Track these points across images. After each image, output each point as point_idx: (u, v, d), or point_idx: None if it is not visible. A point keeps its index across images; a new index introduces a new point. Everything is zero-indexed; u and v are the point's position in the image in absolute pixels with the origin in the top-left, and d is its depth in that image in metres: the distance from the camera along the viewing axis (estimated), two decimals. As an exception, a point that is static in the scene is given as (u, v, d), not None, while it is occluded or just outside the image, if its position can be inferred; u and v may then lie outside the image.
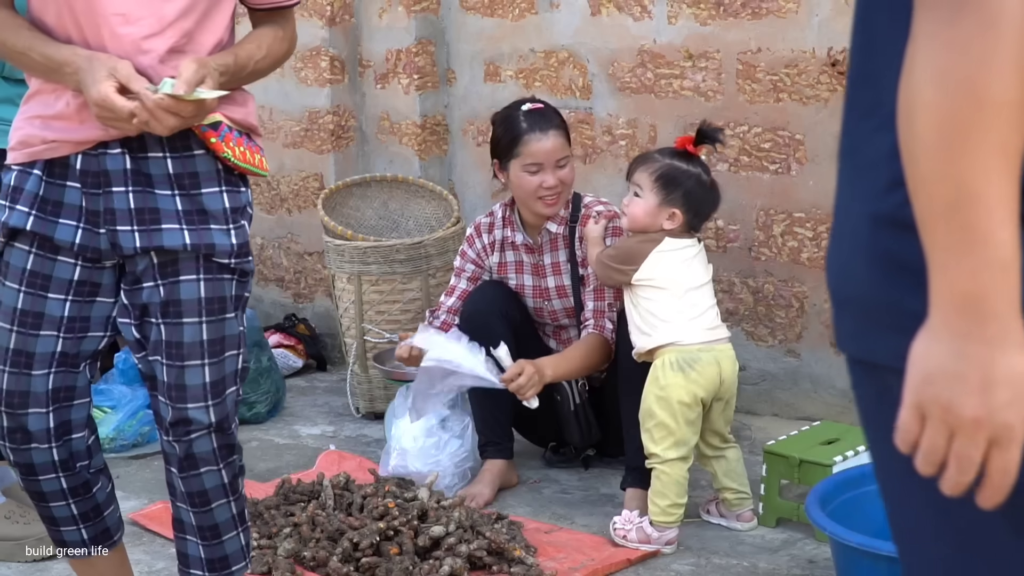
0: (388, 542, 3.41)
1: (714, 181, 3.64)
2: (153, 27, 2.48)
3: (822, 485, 3.25)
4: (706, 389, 3.50)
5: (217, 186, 2.56)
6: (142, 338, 2.58)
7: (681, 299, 3.51)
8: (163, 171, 2.52)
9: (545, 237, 3.94)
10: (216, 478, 2.65)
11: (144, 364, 2.61)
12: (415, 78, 5.05)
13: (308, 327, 5.29)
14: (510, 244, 4.01)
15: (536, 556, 3.43)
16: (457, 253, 4.15)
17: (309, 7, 5.14)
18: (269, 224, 5.50)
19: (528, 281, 4.00)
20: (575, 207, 3.93)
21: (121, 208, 2.51)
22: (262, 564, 3.41)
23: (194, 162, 2.54)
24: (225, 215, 2.56)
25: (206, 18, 2.57)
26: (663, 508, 3.49)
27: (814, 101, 4.17)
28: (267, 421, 4.68)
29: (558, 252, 3.95)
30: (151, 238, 2.52)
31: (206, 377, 2.60)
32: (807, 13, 4.14)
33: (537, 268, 3.98)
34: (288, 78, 5.26)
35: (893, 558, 2.90)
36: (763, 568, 3.43)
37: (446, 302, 4.05)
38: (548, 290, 3.97)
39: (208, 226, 2.54)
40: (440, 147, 5.16)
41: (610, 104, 4.65)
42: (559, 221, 3.92)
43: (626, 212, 3.60)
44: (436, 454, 3.93)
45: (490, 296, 3.96)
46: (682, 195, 3.54)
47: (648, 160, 3.60)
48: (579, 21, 4.68)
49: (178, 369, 2.57)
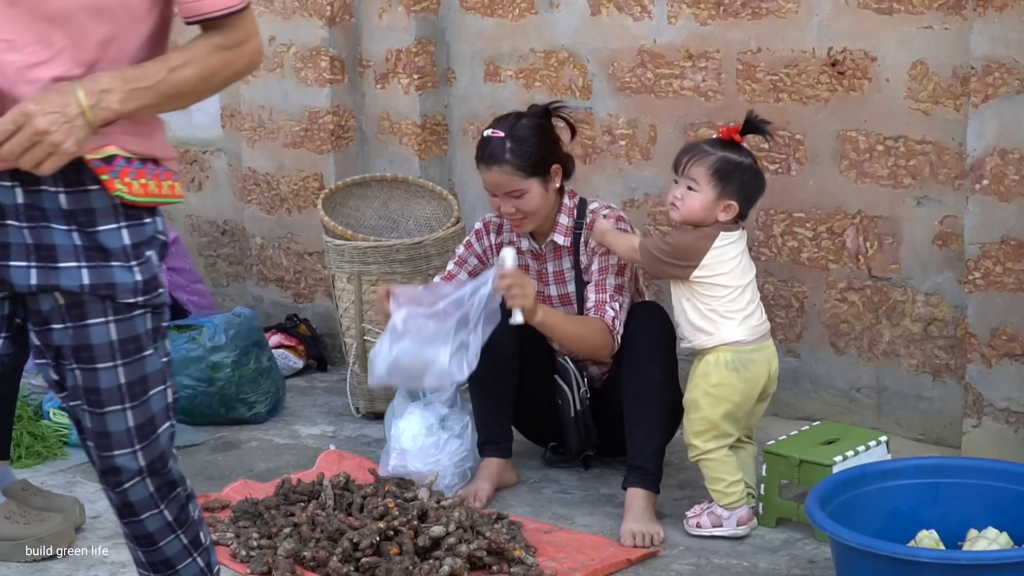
0: (388, 542, 3.41)
1: (760, 169, 3.63)
2: (40, 55, 2.28)
3: (822, 485, 3.25)
4: (756, 388, 3.56)
5: (115, 222, 2.39)
6: (60, 380, 2.47)
7: (741, 295, 3.53)
8: (57, 206, 2.36)
9: (550, 246, 3.92)
10: (159, 520, 2.52)
11: (67, 407, 2.51)
12: (415, 78, 5.05)
13: (309, 328, 5.29)
14: (517, 248, 3.94)
15: (536, 556, 3.43)
16: (462, 243, 4.09)
17: (309, 7, 5.14)
18: (269, 224, 5.50)
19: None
20: (580, 214, 3.88)
21: (16, 243, 2.36)
22: (262, 564, 3.41)
23: (89, 198, 2.37)
24: (125, 252, 2.39)
25: (111, 45, 2.33)
26: (723, 491, 3.56)
27: (814, 101, 4.17)
28: (267, 421, 4.67)
29: (562, 260, 3.91)
30: (48, 276, 2.38)
31: (129, 422, 2.44)
32: (807, 13, 4.14)
33: (541, 275, 3.95)
34: (288, 78, 5.26)
35: (893, 558, 2.91)
36: (763, 568, 3.43)
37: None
38: (551, 298, 3.93)
39: (108, 263, 2.38)
40: (440, 147, 5.16)
41: (610, 104, 4.65)
42: (564, 232, 3.87)
43: (678, 206, 3.53)
44: (436, 454, 3.93)
45: None
46: (737, 187, 3.51)
47: (700, 153, 3.54)
48: (579, 21, 4.68)
49: (99, 416, 2.44)
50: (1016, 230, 3.76)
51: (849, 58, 4.08)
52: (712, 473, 3.57)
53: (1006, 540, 3.20)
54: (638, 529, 3.57)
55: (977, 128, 3.77)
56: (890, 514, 3.30)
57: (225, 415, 4.61)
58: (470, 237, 4.05)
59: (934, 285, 4.04)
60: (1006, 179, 3.74)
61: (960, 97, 3.87)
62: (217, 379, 4.57)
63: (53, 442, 4.35)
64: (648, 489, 3.69)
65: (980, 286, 3.83)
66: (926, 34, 3.92)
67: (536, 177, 3.77)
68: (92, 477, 4.14)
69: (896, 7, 3.96)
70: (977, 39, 3.74)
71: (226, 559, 3.51)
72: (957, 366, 4.01)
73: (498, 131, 3.79)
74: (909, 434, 4.09)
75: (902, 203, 4.05)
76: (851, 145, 4.11)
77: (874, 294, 4.16)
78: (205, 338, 4.59)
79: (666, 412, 3.76)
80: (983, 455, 3.77)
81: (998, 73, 3.70)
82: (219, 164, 5.74)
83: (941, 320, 4.04)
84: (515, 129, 3.78)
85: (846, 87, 4.10)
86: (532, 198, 3.78)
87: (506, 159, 3.75)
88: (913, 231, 4.05)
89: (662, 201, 4.56)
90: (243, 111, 5.47)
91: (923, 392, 4.11)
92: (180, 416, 4.59)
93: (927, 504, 3.33)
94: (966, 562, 2.96)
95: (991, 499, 3.29)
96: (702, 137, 3.73)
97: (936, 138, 3.96)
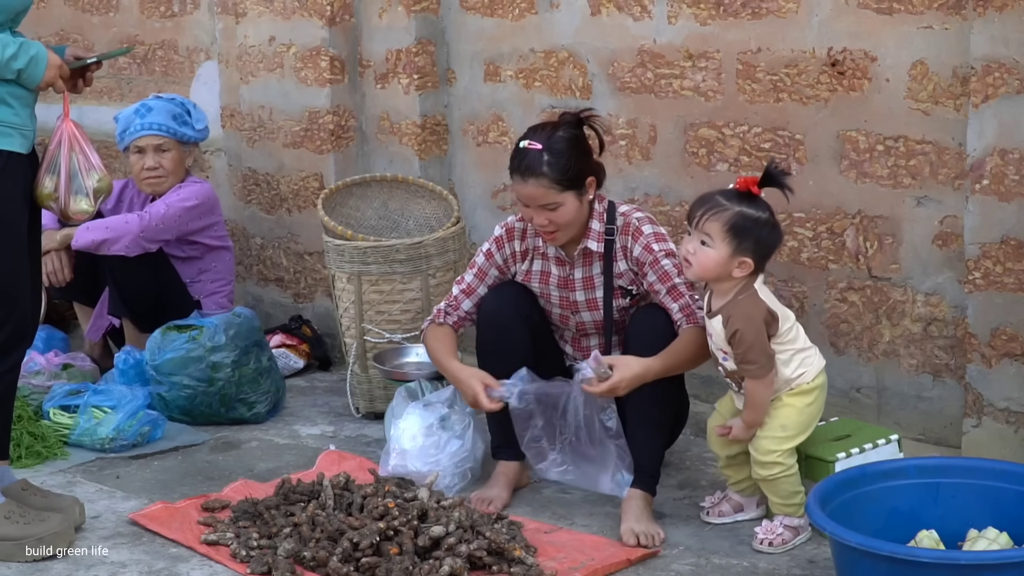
0: (388, 542, 3.41)
1: (778, 222, 3.54)
2: None
3: (822, 485, 3.25)
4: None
5: None
6: None
7: (795, 323, 3.54)
8: None
9: (581, 252, 3.84)
10: None
11: None
12: (415, 78, 5.05)
13: (312, 329, 5.29)
14: (540, 254, 3.91)
15: (536, 556, 3.43)
16: (482, 252, 3.97)
17: (309, 7, 5.14)
18: (269, 224, 5.50)
19: (555, 292, 3.91)
20: (610, 218, 3.82)
21: None
22: (262, 564, 3.41)
23: None
24: None
25: None
26: (799, 503, 3.51)
27: (814, 101, 4.17)
28: (267, 421, 4.67)
29: (591, 266, 3.85)
30: None
31: None
32: (807, 13, 4.14)
33: (566, 281, 3.89)
34: (288, 78, 5.26)
35: (893, 558, 2.91)
36: (763, 568, 3.43)
37: (462, 303, 3.95)
38: (577, 303, 3.89)
39: None
40: (440, 147, 5.16)
41: (610, 104, 4.65)
42: (597, 238, 3.81)
43: (692, 262, 3.45)
44: (436, 454, 3.93)
45: (509, 296, 3.91)
46: (753, 243, 3.41)
47: (715, 206, 3.42)
48: (579, 21, 4.68)
49: None
50: (1016, 230, 3.75)
51: (849, 58, 4.08)
52: (791, 488, 3.52)
53: (1006, 540, 3.20)
54: (639, 529, 3.57)
55: (977, 128, 3.77)
56: (890, 514, 3.30)
57: (225, 415, 4.61)
58: (490, 246, 3.95)
59: (934, 285, 4.04)
60: (1006, 179, 3.74)
61: (960, 97, 3.87)
62: (217, 379, 4.57)
63: (53, 442, 4.35)
64: (645, 490, 3.69)
65: (980, 286, 3.83)
66: (926, 34, 3.91)
67: (572, 190, 3.71)
68: (92, 477, 4.16)
69: (896, 7, 3.96)
70: (977, 39, 3.73)
71: (226, 559, 3.51)
72: (957, 366, 4.01)
73: (535, 143, 3.70)
74: (909, 434, 4.09)
75: (902, 203, 4.05)
76: (851, 145, 4.11)
77: (874, 294, 4.16)
78: (205, 338, 4.59)
79: (667, 415, 3.76)
80: (983, 455, 3.77)
81: (998, 73, 3.70)
82: (219, 164, 5.74)
83: (941, 320, 4.04)
84: (552, 141, 3.70)
85: (846, 87, 4.10)
86: (567, 211, 3.72)
87: (543, 172, 3.67)
88: (913, 231, 4.05)
89: (662, 201, 4.56)
90: (243, 111, 5.48)
91: (923, 392, 4.11)
92: (180, 416, 4.61)
93: (927, 504, 3.33)
94: (966, 562, 2.96)
95: (991, 499, 3.30)
96: (717, 188, 3.62)
97: (936, 138, 3.96)
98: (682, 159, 4.50)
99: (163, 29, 5.92)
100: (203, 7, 5.73)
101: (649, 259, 3.76)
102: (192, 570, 3.51)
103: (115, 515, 3.86)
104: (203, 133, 5.10)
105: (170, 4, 5.87)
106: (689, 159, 4.48)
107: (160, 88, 5.84)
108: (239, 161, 5.57)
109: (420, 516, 3.49)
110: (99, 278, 4.97)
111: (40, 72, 3.47)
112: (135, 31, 6.04)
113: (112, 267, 4.86)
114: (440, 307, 3.98)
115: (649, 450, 3.72)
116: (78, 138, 3.60)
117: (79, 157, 3.59)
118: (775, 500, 3.53)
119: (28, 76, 3.46)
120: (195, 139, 5.08)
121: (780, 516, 3.53)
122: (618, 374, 3.58)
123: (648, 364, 3.61)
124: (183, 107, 5.08)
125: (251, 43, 5.37)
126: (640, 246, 3.78)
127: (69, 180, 3.58)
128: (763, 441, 3.49)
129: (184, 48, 5.84)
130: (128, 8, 6.06)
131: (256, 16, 5.34)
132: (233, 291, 5.25)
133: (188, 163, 5.10)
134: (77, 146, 3.59)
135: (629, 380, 3.58)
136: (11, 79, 3.44)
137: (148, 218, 4.88)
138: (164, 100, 5.08)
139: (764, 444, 3.49)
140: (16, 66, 3.42)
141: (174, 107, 5.05)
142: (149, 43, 5.98)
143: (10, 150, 3.46)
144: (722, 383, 3.67)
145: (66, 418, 4.44)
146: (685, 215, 3.60)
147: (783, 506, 3.52)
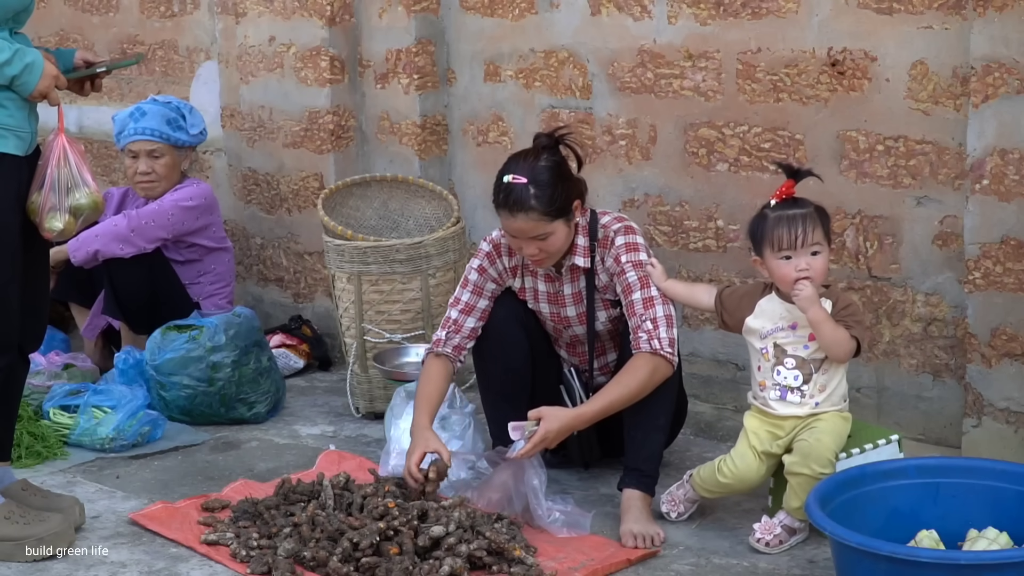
0: (388, 542, 3.41)
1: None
2: None
3: (822, 485, 3.25)
4: None
5: None
6: None
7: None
8: None
9: (568, 269, 3.83)
10: None
11: None
12: (415, 78, 5.05)
13: (311, 328, 5.29)
14: (530, 272, 3.89)
15: (536, 556, 3.43)
16: (473, 269, 3.91)
17: (309, 7, 5.14)
18: (269, 224, 5.50)
19: (546, 309, 3.91)
20: (592, 231, 3.80)
21: None
22: (262, 564, 3.41)
23: None
24: None
25: None
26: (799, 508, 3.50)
27: (814, 101, 4.17)
28: (267, 421, 4.67)
29: (579, 280, 3.85)
30: None
31: None
32: (807, 13, 4.14)
33: (556, 297, 3.88)
34: (288, 78, 5.26)
35: (893, 558, 2.91)
36: (763, 568, 3.43)
37: (464, 323, 3.89)
38: (568, 318, 3.89)
39: None
40: (440, 147, 5.16)
41: (610, 104, 4.65)
42: (584, 253, 3.80)
43: (812, 276, 3.46)
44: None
45: (507, 303, 3.91)
46: (829, 228, 3.60)
47: (803, 219, 3.48)
48: (579, 21, 4.68)
49: None
50: (1016, 230, 3.76)
51: (849, 58, 4.08)
52: (799, 490, 3.49)
53: (1006, 540, 3.20)
54: (638, 530, 3.57)
55: (977, 128, 3.77)
56: (890, 514, 3.30)
57: (225, 415, 4.61)
58: (481, 262, 3.91)
59: (934, 285, 4.04)
60: (1006, 179, 3.74)
61: (960, 97, 3.87)
62: (217, 379, 4.57)
63: (53, 442, 4.35)
64: (644, 491, 3.69)
65: (980, 286, 3.83)
66: (926, 34, 3.91)
67: (561, 218, 3.69)
68: (92, 477, 4.16)
69: (896, 7, 3.96)
70: (977, 39, 3.74)
71: (226, 559, 3.51)
72: (957, 366, 4.01)
73: (519, 177, 3.66)
74: (909, 434, 4.09)
75: (902, 203, 4.05)
76: (851, 145, 4.11)
77: (874, 294, 4.16)
78: (205, 338, 4.59)
79: (666, 416, 3.75)
80: (983, 455, 3.77)
81: (998, 73, 3.70)
82: (219, 164, 5.74)
83: (941, 320, 4.04)
84: (536, 173, 3.66)
85: (846, 87, 4.10)
86: (557, 239, 3.70)
87: (532, 205, 3.64)
88: (913, 231, 4.05)
89: (662, 201, 4.56)
90: (243, 111, 5.47)
91: (923, 392, 4.11)
92: (180, 416, 4.61)
93: (927, 504, 3.33)
94: (966, 562, 2.96)
95: (991, 499, 3.30)
96: (765, 205, 3.60)
97: (936, 138, 3.96)
98: (682, 159, 4.50)
99: (163, 29, 5.92)
100: (203, 7, 5.73)
101: (616, 270, 3.77)
102: (192, 570, 3.51)
103: (115, 515, 3.86)
104: (198, 137, 5.08)
105: (170, 4, 5.87)
106: (689, 159, 4.48)
107: (160, 88, 5.84)
108: (239, 161, 5.57)
109: (420, 516, 3.49)
110: (95, 277, 4.96)
111: (34, 81, 3.41)
112: (135, 31, 6.03)
113: (108, 267, 4.86)
114: (439, 335, 3.90)
115: (647, 451, 3.72)
116: (68, 153, 3.50)
117: (64, 172, 3.49)
118: (800, 503, 3.49)
119: (22, 84, 3.40)
120: (190, 143, 5.06)
121: (781, 515, 3.53)
122: (544, 425, 3.58)
123: (579, 412, 3.64)
124: (178, 111, 5.05)
125: (251, 43, 5.37)
126: (611, 258, 3.78)
127: (48, 196, 3.47)
128: (828, 439, 3.48)
129: (184, 48, 5.84)
130: (128, 8, 6.06)
131: (256, 16, 5.34)
132: (233, 292, 5.24)
133: (184, 167, 5.09)
134: (64, 162, 3.49)
135: (557, 431, 3.59)
136: (4, 84, 3.40)
137: (137, 216, 4.87)
138: (159, 104, 5.05)
139: (830, 443, 3.48)
140: (10, 72, 3.37)
141: (169, 111, 5.02)
142: (149, 43, 5.98)
143: (3, 152, 3.42)
144: (722, 383, 3.66)
145: (66, 418, 4.44)
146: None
147: (799, 509, 3.49)
